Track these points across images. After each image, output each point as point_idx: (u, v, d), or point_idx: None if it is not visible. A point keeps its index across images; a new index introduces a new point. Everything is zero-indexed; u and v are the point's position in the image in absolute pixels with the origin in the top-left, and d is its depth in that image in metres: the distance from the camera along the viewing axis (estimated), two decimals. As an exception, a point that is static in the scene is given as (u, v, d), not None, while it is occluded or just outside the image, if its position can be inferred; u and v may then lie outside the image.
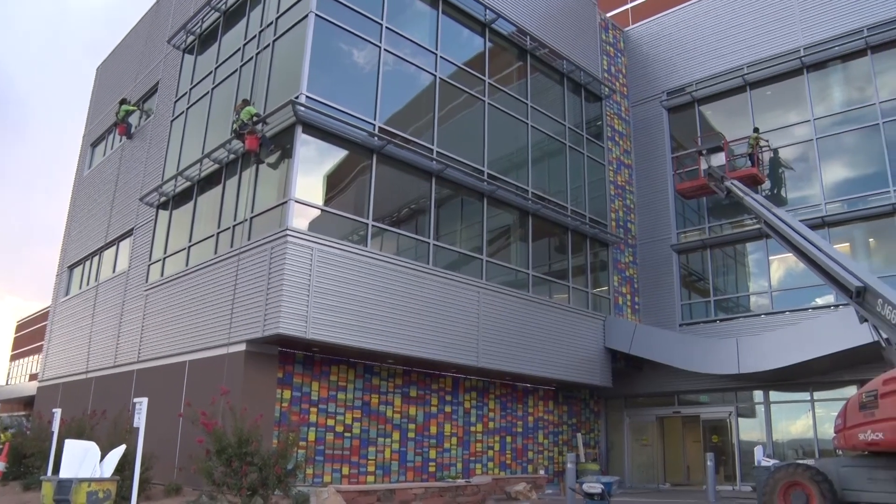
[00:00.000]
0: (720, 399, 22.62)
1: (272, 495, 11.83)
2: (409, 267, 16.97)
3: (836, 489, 11.06)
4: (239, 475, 11.34)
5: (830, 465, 11.47)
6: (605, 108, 25.45)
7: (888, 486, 10.85)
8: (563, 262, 22.54)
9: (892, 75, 21.62)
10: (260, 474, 11.52)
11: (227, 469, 11.38)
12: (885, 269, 20.07)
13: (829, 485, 11.00)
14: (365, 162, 17.03)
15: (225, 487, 11.44)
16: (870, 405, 11.01)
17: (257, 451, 11.64)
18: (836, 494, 11.04)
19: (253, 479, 11.45)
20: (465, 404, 19.37)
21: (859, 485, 11.11)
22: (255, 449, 11.62)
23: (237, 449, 11.48)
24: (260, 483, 11.53)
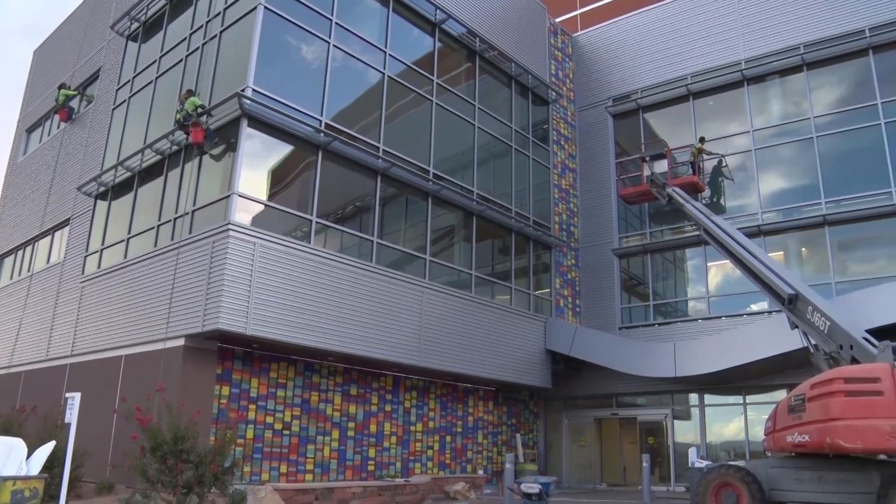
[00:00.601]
0: (657, 401, 23.09)
1: (208, 493, 11.63)
2: (352, 265, 16.89)
3: (764, 489, 11.38)
4: (174, 473, 11.12)
5: (760, 467, 11.80)
6: (551, 112, 25.72)
7: (813, 485, 11.22)
8: (506, 263, 22.70)
9: (826, 91, 22.39)
10: (196, 472, 11.32)
11: (162, 466, 11.16)
12: (816, 277, 20.74)
13: (758, 485, 11.32)
14: (310, 158, 16.88)
15: (159, 485, 11.20)
16: (798, 408, 11.35)
17: (193, 448, 11.43)
18: (765, 494, 11.36)
19: (188, 477, 11.24)
20: (405, 403, 19.35)
21: (786, 485, 11.46)
22: (191, 446, 11.41)
23: (173, 446, 11.26)
24: (196, 481, 11.33)
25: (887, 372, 10.23)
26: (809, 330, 12.99)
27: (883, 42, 21.18)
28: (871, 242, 21.10)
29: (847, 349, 11.72)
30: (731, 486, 11.47)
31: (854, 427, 10.02)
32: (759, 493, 11.23)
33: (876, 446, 10.03)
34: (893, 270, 19.84)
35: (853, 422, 10.06)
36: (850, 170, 21.29)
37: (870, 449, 10.14)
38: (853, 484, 10.93)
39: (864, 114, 21.21)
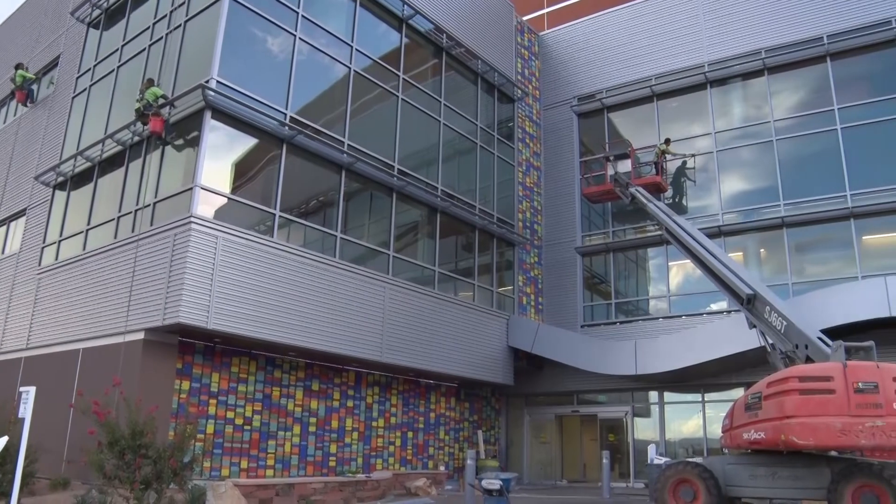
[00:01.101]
0: (617, 399, 23.37)
1: (167, 489, 11.48)
2: (315, 259, 16.80)
3: (720, 485, 11.60)
4: (132, 468, 10.96)
5: (717, 463, 12.02)
6: (517, 110, 25.84)
7: (767, 481, 11.48)
8: (469, 260, 22.77)
9: (786, 96, 22.83)
10: (154, 467, 11.18)
11: (120, 462, 10.98)
12: (774, 278, 21.15)
13: (715, 481, 11.54)
14: (274, 151, 16.75)
15: (116, 481, 11.02)
16: (754, 406, 11.59)
17: (152, 443, 11.28)
18: (721, 490, 11.58)
19: (147, 473, 11.10)
20: (367, 399, 19.32)
21: (742, 481, 11.70)
22: (149, 441, 11.25)
23: (131, 441, 11.09)
24: (154, 476, 11.18)
25: (839, 371, 10.50)
26: (767, 329, 13.26)
27: (840, 49, 21.66)
28: (826, 244, 21.58)
29: (802, 348, 12.00)
30: (689, 483, 11.67)
31: (807, 424, 10.27)
32: (715, 488, 11.45)
33: (827, 443, 10.29)
34: (847, 272, 20.33)
35: (806, 419, 10.31)
36: (808, 173, 21.76)
37: (822, 445, 10.40)
38: (805, 480, 11.21)
39: (822, 119, 21.67)
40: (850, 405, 10.25)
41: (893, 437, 10.00)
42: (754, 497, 12.26)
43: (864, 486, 10.35)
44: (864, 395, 10.25)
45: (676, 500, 11.68)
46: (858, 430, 10.02)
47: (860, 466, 10.69)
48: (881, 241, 20.89)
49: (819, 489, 10.91)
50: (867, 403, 10.21)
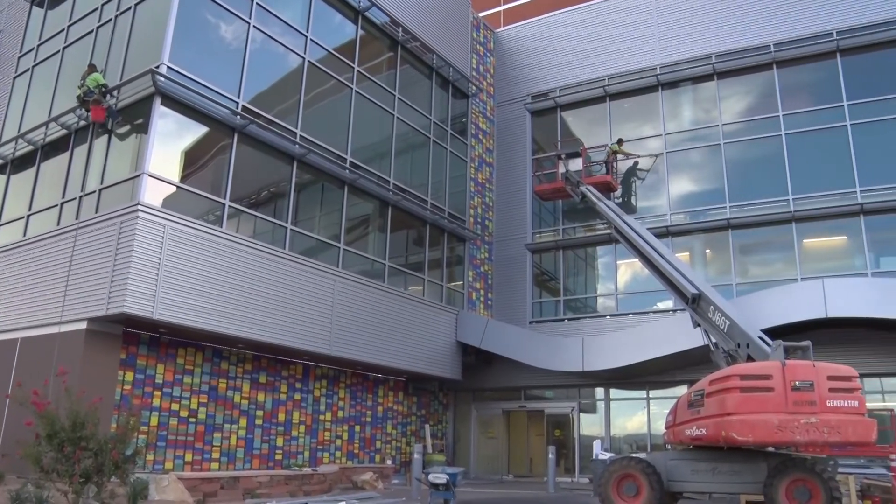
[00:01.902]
0: (564, 395, 23.69)
1: (108, 483, 11.24)
2: (264, 251, 16.63)
3: (663, 480, 11.83)
4: (71, 461, 10.68)
5: (660, 459, 12.25)
6: (470, 106, 25.91)
7: (707, 476, 11.76)
8: (419, 254, 22.80)
9: (734, 101, 23.36)
10: (95, 460, 10.91)
11: (59, 455, 10.68)
12: (719, 278, 21.65)
13: (658, 476, 11.76)
14: (225, 140, 16.51)
15: (55, 475, 10.71)
16: (697, 403, 11.85)
17: (93, 435, 11.01)
18: (663, 485, 11.81)
19: (87, 466, 10.82)
20: (314, 392, 19.21)
21: (683, 476, 11.95)
22: (90, 433, 10.99)
23: (71, 433, 10.80)
24: (95, 469, 10.91)
25: (778, 370, 10.79)
26: (710, 328, 13.57)
27: (786, 58, 22.31)
28: (769, 247, 22.19)
29: (744, 347, 12.31)
30: (632, 478, 11.87)
31: (747, 421, 10.53)
32: (657, 483, 11.67)
33: (765, 439, 10.58)
34: (788, 274, 20.94)
35: (746, 416, 10.57)
36: (754, 177, 22.31)
37: (760, 442, 10.68)
38: (743, 474, 11.51)
39: (768, 124, 22.26)
40: (787, 403, 10.54)
41: (826, 433, 10.33)
42: (695, 491, 12.55)
43: (798, 480, 10.69)
44: (800, 393, 10.55)
45: (620, 494, 11.87)
46: (794, 426, 10.32)
47: (794, 461, 11.02)
48: (820, 244, 21.58)
49: (756, 483, 11.22)
50: (803, 401, 10.52)
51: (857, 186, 20.61)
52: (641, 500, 11.65)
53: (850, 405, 10.54)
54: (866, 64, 21.53)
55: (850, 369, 10.92)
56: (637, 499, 11.71)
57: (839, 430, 10.31)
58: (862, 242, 20.45)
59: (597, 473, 13.93)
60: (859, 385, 10.88)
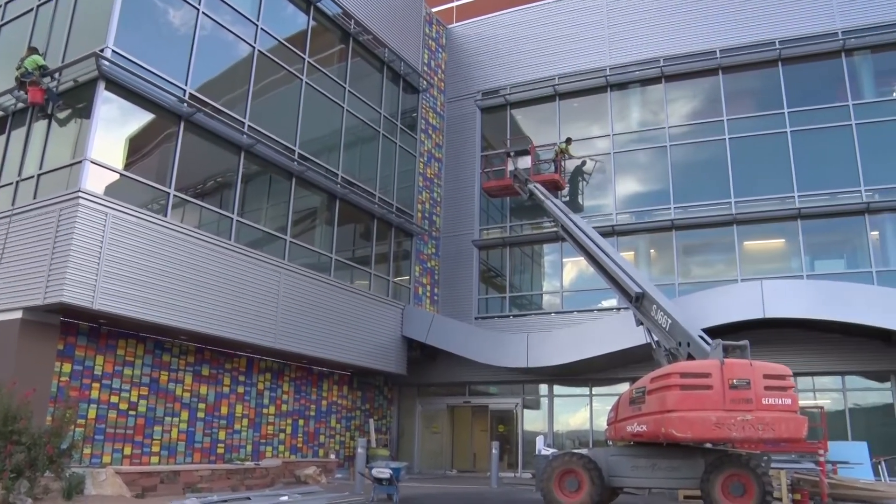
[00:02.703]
0: (508, 391, 23.89)
1: (41, 477, 10.96)
2: (209, 241, 16.37)
3: (604, 476, 12.04)
4: (2, 456, 10.40)
5: (601, 454, 12.45)
6: (421, 101, 25.89)
7: (647, 472, 12.01)
8: (366, 248, 22.72)
9: (681, 104, 23.86)
10: (28, 454, 10.64)
11: (-12, 450, 10.40)
12: (662, 278, 22.12)
13: (599, 472, 11.95)
14: (171, 128, 16.19)
15: (-16, 470, 10.43)
16: (638, 400, 12.08)
17: (26, 429, 10.73)
18: (604, 480, 12.02)
19: (19, 460, 10.54)
20: (258, 385, 19.00)
21: (624, 472, 12.17)
22: (23, 427, 10.70)
23: (2, 426, 10.51)
24: (27, 464, 10.64)
25: (717, 368, 11.06)
26: (653, 327, 13.85)
27: (731, 64, 22.93)
28: (711, 248, 22.78)
29: (684, 346, 12.60)
30: (574, 473, 12.04)
31: (686, 418, 10.76)
32: (598, 479, 11.86)
33: (703, 435, 10.84)
34: (729, 275, 21.52)
35: (685, 413, 10.80)
36: (698, 179, 22.86)
37: (698, 438, 10.95)
38: (682, 470, 11.78)
39: (712, 128, 22.83)
40: (724, 400, 10.81)
41: (760, 429, 10.63)
42: (635, 486, 12.82)
43: (733, 476, 11.00)
44: (737, 391, 10.84)
45: (562, 489, 12.03)
46: (731, 423, 10.59)
47: (730, 457, 11.33)
48: (760, 246, 22.22)
49: (694, 479, 11.49)
50: (740, 399, 10.81)
51: (796, 191, 21.28)
52: (582, 496, 11.83)
53: (784, 403, 10.88)
54: (806, 74, 22.26)
55: (784, 368, 11.26)
56: (578, 494, 11.89)
57: (773, 427, 10.63)
58: (799, 246, 21.14)
59: (539, 469, 14.11)
60: (793, 384, 11.23)
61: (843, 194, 21.02)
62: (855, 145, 21.07)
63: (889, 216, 20.79)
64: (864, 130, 21.18)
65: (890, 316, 17.27)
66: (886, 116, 21.28)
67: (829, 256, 21.86)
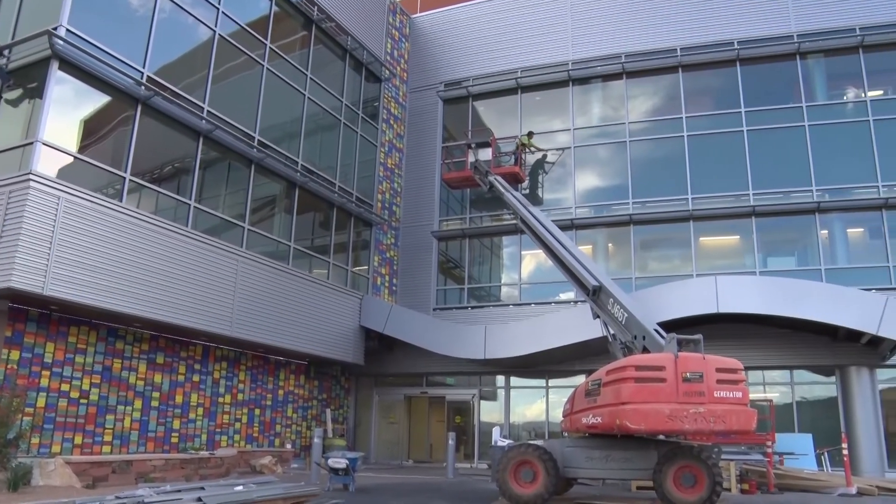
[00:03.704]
0: (465, 382, 24.01)
1: (-13, 466, 10.74)
2: (166, 227, 16.10)
3: (559, 467, 12.16)
4: (-53, 444, 10.16)
5: (556, 446, 12.57)
6: (383, 91, 25.77)
7: (601, 463, 12.16)
8: (325, 237, 22.59)
9: (641, 101, 24.14)
10: (-27, 443, 10.41)
11: (-68, 438, 10.14)
12: (619, 272, 22.41)
13: (554, 463, 12.07)
14: (128, 112, 15.87)
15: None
16: (594, 392, 12.21)
17: (-29, 417, 10.50)
18: (559, 471, 12.15)
19: (-37, 450, 10.31)
20: (214, 374, 18.79)
21: (578, 463, 12.32)
22: (-32, 415, 10.47)
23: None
24: (-28, 453, 10.42)
25: (671, 362, 11.22)
26: (609, 320, 14.01)
27: (691, 62, 23.27)
28: (668, 243, 23.15)
29: (640, 339, 12.76)
30: (530, 464, 12.13)
31: (640, 410, 10.91)
32: (553, 470, 11.97)
33: (657, 428, 11.00)
34: (684, 270, 21.89)
35: (640, 405, 10.95)
36: (656, 175, 23.19)
37: (651, 430, 11.11)
38: (635, 461, 11.96)
39: (671, 125, 23.18)
40: (678, 393, 10.98)
41: (712, 422, 10.84)
42: (589, 477, 12.98)
43: (685, 467, 11.21)
44: (690, 384, 11.01)
45: (517, 480, 12.12)
46: (684, 415, 10.77)
47: (682, 449, 11.53)
48: (715, 242, 22.65)
49: (647, 470, 11.68)
50: (692, 392, 10.98)
51: (751, 189, 21.72)
52: (537, 486, 11.93)
53: (735, 396, 11.09)
54: (762, 74, 22.70)
55: (736, 362, 11.47)
56: (533, 485, 11.99)
57: (724, 420, 10.84)
58: (753, 243, 21.61)
59: (495, 460, 14.21)
60: (744, 377, 11.45)
61: (796, 193, 21.52)
62: (807, 146, 21.59)
63: (838, 216, 21.38)
64: (816, 132, 21.71)
65: (837, 312, 17.74)
66: (837, 119, 21.91)
67: (781, 254, 22.37)
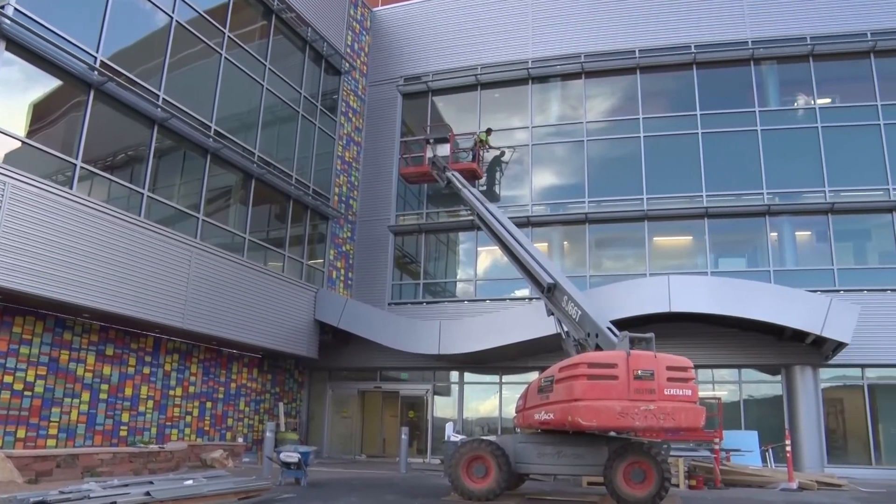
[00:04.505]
0: (420, 377, 24.03)
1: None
2: (118, 217, 15.78)
3: (511, 462, 12.27)
4: None
5: (509, 441, 12.67)
6: (342, 84, 25.62)
7: (553, 459, 12.30)
8: (281, 230, 22.41)
9: (599, 101, 24.42)
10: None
11: None
12: (574, 270, 22.66)
13: (506, 458, 12.16)
14: (80, 97, 15.51)
15: None
16: (546, 389, 12.32)
17: None
18: (511, 466, 12.25)
19: None
20: (165, 366, 18.50)
21: (530, 458, 12.44)
22: None
23: None
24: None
25: (623, 359, 11.36)
26: (563, 318, 14.14)
27: (649, 64, 23.63)
28: (622, 242, 23.49)
29: (593, 337, 12.91)
30: (482, 459, 12.21)
31: (591, 407, 11.03)
32: (506, 465, 12.07)
33: (608, 424, 11.14)
34: (638, 269, 22.24)
35: (592, 402, 11.06)
36: (612, 175, 23.50)
37: (603, 426, 11.25)
38: (586, 457, 12.11)
39: (628, 126, 23.49)
40: (629, 390, 11.13)
41: (662, 419, 11.02)
42: (541, 473, 13.10)
43: (634, 463, 11.39)
44: (641, 382, 11.17)
45: (469, 475, 12.18)
46: (634, 412, 10.92)
47: (633, 445, 11.71)
48: (668, 243, 23.03)
49: (597, 466, 11.83)
50: (643, 389, 11.14)
51: (704, 191, 22.14)
52: (489, 482, 12.01)
53: (685, 394, 11.28)
54: (718, 78, 23.15)
55: (686, 360, 11.67)
56: (485, 480, 12.07)
57: (673, 417, 11.02)
58: (705, 243, 22.04)
59: (448, 455, 14.24)
60: (693, 375, 11.66)
61: (747, 196, 22.02)
62: (759, 150, 22.08)
63: (787, 219, 21.93)
64: (768, 136, 22.21)
65: (783, 313, 18.19)
66: (788, 124, 22.48)
67: (732, 255, 22.86)
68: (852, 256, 21.81)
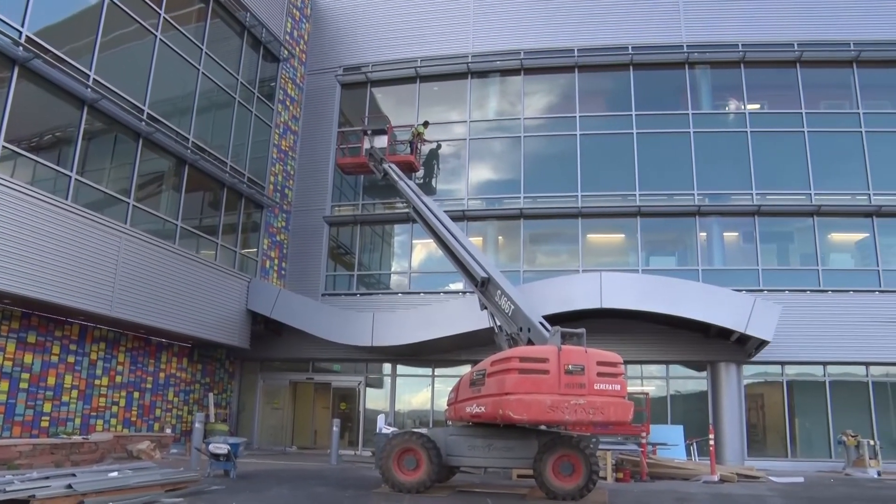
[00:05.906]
0: (352, 369, 23.96)
1: None
2: (43, 200, 15.24)
3: (441, 455, 12.38)
4: None
5: (440, 434, 12.78)
6: (280, 71, 25.28)
7: (483, 451, 12.46)
8: (214, 218, 22.01)
9: (537, 97, 24.68)
10: None
11: None
12: (508, 265, 22.88)
13: (437, 451, 12.27)
14: (3, 73, 14.91)
15: None
16: (478, 382, 12.47)
17: None
18: (442, 459, 12.36)
19: None
20: (91, 355, 18.00)
21: (461, 451, 12.57)
22: None
23: None
24: None
25: (554, 354, 11.59)
26: (496, 312, 14.32)
27: (587, 64, 24.00)
28: (556, 238, 23.86)
29: (525, 331, 13.12)
30: (413, 452, 12.30)
31: (522, 401, 11.22)
32: (437, 457, 12.18)
33: (538, 418, 11.35)
34: (572, 265, 22.63)
35: (523, 396, 11.26)
36: (548, 171, 23.80)
37: (533, 420, 11.45)
38: (516, 450, 12.31)
39: (565, 123, 23.81)
40: (560, 385, 11.36)
41: (591, 413, 11.28)
42: (471, 465, 13.26)
43: (564, 456, 11.64)
44: (572, 377, 11.41)
45: (400, 468, 12.26)
46: (565, 406, 11.15)
47: (562, 439, 11.95)
48: (601, 240, 23.50)
49: (527, 459, 12.05)
50: (574, 384, 11.39)
51: (637, 190, 22.64)
52: (420, 474, 12.12)
53: (614, 388, 11.58)
54: (654, 80, 23.69)
55: (616, 356, 11.96)
56: (416, 472, 12.17)
57: (602, 411, 11.30)
58: (637, 241, 22.55)
59: (379, 447, 14.28)
60: (623, 370, 11.97)
61: (679, 196, 22.60)
62: (691, 152, 22.67)
63: (716, 219, 22.61)
64: (700, 139, 22.84)
65: (710, 311, 18.76)
66: (719, 128, 23.17)
67: (663, 253, 23.46)
68: (776, 258, 22.61)
